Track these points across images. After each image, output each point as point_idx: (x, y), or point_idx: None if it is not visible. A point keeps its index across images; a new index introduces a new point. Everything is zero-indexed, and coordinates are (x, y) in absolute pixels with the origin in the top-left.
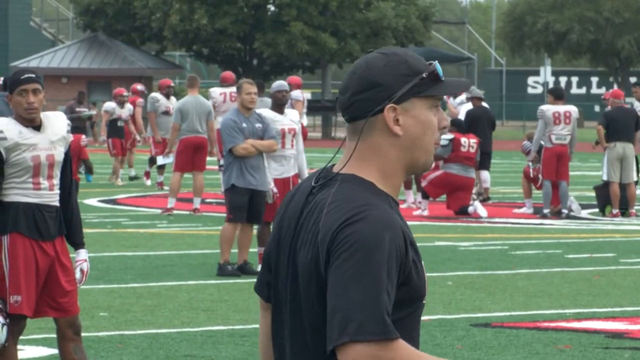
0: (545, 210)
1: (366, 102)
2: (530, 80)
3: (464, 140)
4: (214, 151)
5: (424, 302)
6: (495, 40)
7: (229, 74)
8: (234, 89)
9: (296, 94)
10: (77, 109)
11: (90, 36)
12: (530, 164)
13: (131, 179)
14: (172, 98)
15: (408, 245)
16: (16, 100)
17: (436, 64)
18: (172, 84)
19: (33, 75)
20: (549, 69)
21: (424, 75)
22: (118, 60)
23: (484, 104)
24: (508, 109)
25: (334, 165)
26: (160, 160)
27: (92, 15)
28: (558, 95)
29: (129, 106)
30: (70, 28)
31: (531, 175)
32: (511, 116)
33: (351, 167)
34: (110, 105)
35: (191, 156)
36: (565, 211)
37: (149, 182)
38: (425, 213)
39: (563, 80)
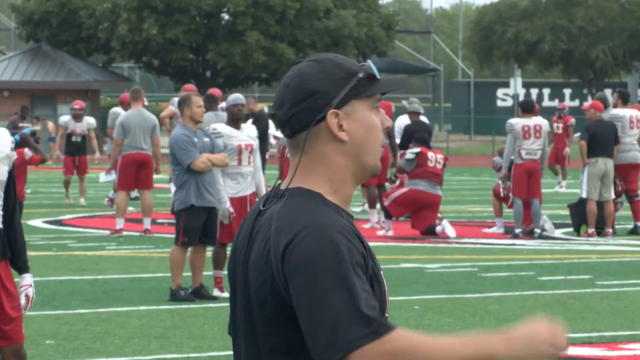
0: (517, 230)
1: (306, 112)
2: (500, 92)
3: (430, 155)
4: (160, 168)
5: (386, 315)
6: (462, 51)
7: (191, 87)
8: None
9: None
10: (20, 125)
11: (34, 47)
12: (500, 182)
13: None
14: None
15: (367, 253)
16: None
17: (370, 63)
18: None
19: None
20: (519, 80)
21: (360, 75)
22: (63, 73)
23: (423, 118)
24: (476, 122)
25: (281, 183)
26: (102, 177)
27: (36, 25)
28: (526, 108)
29: (88, 120)
30: (12, 38)
31: (501, 194)
32: (480, 130)
33: (298, 181)
34: (63, 118)
35: (134, 174)
36: (537, 231)
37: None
38: (390, 233)
39: (534, 92)
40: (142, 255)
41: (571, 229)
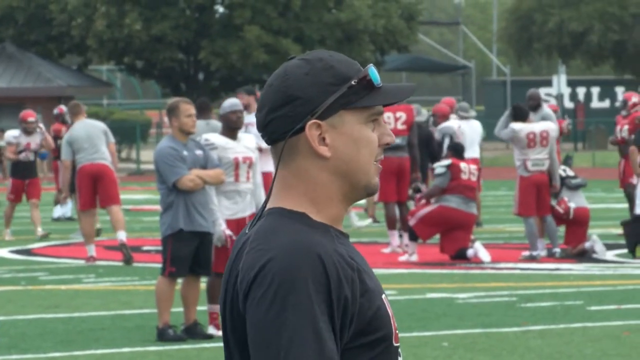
0: (534, 252)
1: (284, 120)
2: (541, 92)
3: (463, 165)
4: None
5: (395, 344)
6: (496, 44)
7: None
8: None
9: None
10: None
11: None
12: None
13: (58, 220)
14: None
15: (354, 274)
16: None
17: (370, 67)
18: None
19: None
20: (563, 78)
21: (352, 82)
22: (31, 78)
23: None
24: None
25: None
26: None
27: None
28: (519, 115)
29: (44, 135)
30: None
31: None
32: None
33: (277, 199)
34: (11, 134)
35: (92, 188)
36: (557, 250)
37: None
38: (414, 258)
39: (581, 91)
40: (125, 289)
41: (625, 251)
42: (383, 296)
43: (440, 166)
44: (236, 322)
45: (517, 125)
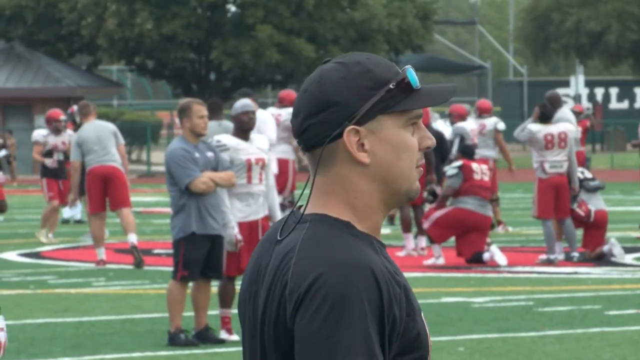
0: (552, 256)
1: (321, 126)
2: (559, 92)
3: (475, 166)
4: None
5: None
6: (513, 44)
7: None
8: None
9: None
10: None
11: (5, 47)
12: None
13: (67, 221)
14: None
15: (401, 292)
16: None
17: (408, 69)
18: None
19: None
20: (581, 78)
21: (391, 86)
22: (40, 78)
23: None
24: None
25: (301, 206)
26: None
27: (7, 22)
28: (545, 115)
29: (69, 133)
30: None
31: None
32: None
33: (318, 206)
34: (39, 133)
35: (102, 190)
36: (576, 254)
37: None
38: (441, 261)
39: (599, 92)
40: (136, 292)
41: None
42: (422, 314)
43: (451, 168)
44: (280, 333)
45: (534, 127)
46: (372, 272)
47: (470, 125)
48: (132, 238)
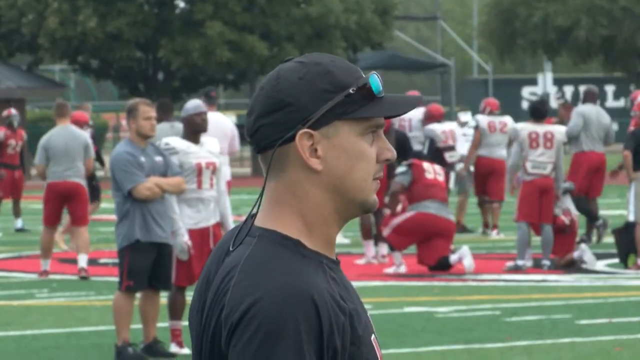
0: (520, 262)
1: (274, 127)
2: (526, 91)
3: (426, 165)
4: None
5: None
6: (477, 41)
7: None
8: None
9: None
10: None
11: None
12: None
13: (17, 230)
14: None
15: (346, 320)
16: None
17: (372, 75)
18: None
19: None
20: (549, 76)
21: (350, 90)
22: None
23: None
24: None
25: (255, 215)
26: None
27: None
28: (538, 114)
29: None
30: None
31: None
32: None
33: (269, 216)
34: None
35: (60, 205)
36: (547, 263)
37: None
38: (403, 269)
39: (569, 90)
40: (81, 304)
41: (617, 260)
42: (372, 337)
43: (401, 166)
44: (215, 356)
45: (519, 125)
46: (312, 301)
47: (443, 126)
48: (83, 261)
